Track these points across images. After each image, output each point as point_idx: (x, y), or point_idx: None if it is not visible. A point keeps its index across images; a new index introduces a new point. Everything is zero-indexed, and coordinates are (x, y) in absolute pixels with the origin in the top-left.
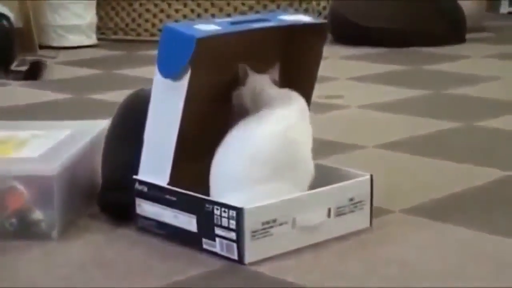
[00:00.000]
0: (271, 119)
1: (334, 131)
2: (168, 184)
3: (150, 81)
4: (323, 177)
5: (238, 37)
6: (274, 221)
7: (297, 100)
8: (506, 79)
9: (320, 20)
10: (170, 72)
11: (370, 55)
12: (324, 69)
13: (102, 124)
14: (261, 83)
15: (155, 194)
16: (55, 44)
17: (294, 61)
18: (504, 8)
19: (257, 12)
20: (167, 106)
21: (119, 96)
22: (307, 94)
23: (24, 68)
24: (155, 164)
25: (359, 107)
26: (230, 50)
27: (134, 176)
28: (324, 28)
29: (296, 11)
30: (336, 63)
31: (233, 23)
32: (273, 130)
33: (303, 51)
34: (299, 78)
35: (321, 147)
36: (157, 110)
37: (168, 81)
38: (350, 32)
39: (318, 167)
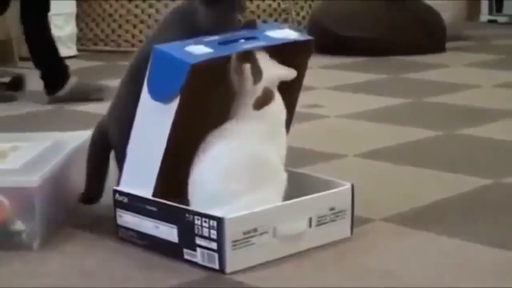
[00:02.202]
0: (242, 135)
1: (314, 140)
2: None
3: None
4: (304, 186)
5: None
6: (255, 230)
7: (271, 116)
8: (486, 87)
9: (307, 37)
10: (161, 96)
11: (349, 64)
12: (304, 78)
13: (83, 136)
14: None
15: (135, 204)
16: None
17: None
18: (484, 17)
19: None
20: (155, 126)
21: (99, 107)
22: (291, 105)
23: (5, 79)
24: (138, 178)
25: (339, 116)
26: (220, 69)
27: (114, 187)
28: (311, 44)
29: (278, 22)
30: (316, 72)
31: (221, 43)
32: (243, 145)
33: (289, 65)
34: (284, 89)
35: (301, 156)
36: (143, 129)
37: (157, 103)
38: (330, 42)
39: (299, 176)
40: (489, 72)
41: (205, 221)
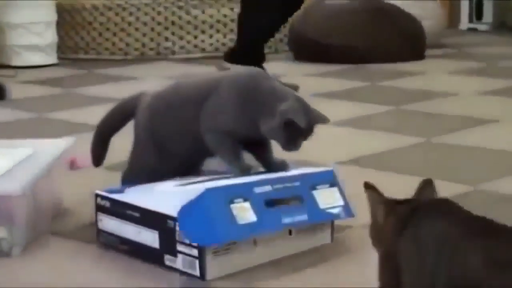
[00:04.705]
0: None
1: None
2: None
3: (111, 99)
4: None
5: None
6: None
7: None
8: (464, 94)
9: (350, 213)
10: (186, 232)
11: (329, 72)
12: None
13: (64, 143)
14: None
15: (118, 209)
16: (15, 63)
17: None
18: (464, 25)
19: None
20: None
21: (79, 114)
22: None
23: None
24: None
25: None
26: None
27: (96, 191)
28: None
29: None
30: (296, 80)
31: (268, 203)
32: None
33: None
34: None
35: None
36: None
37: None
38: (310, 50)
39: None
40: (468, 80)
41: None
